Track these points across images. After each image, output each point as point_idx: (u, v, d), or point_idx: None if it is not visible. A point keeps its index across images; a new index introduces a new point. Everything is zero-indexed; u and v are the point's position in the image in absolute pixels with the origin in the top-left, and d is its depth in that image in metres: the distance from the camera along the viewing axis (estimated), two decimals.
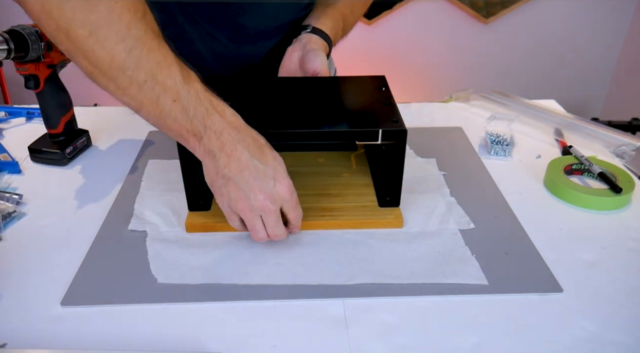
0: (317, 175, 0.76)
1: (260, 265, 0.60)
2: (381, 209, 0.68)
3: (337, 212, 0.68)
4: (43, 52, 0.76)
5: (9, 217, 0.68)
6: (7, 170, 0.79)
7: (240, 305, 0.55)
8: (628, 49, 2.35)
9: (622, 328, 0.53)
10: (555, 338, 0.52)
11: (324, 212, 0.67)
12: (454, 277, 0.58)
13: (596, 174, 0.76)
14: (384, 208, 0.68)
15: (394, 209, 0.68)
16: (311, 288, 0.57)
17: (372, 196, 0.71)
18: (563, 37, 2.34)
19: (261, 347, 0.51)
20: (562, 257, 0.62)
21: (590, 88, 2.47)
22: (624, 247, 0.64)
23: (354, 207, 0.68)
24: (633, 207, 0.72)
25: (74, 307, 0.55)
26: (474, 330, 0.53)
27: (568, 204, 0.72)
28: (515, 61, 2.39)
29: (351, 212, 0.68)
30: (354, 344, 0.51)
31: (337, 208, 0.68)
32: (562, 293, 0.57)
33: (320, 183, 0.73)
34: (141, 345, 0.51)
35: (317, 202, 0.69)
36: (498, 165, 0.82)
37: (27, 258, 0.62)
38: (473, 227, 0.67)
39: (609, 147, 0.87)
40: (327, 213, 0.67)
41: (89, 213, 0.70)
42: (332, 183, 0.73)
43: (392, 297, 0.56)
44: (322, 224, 0.66)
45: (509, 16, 2.29)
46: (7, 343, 0.51)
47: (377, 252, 0.62)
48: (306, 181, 0.73)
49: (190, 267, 0.60)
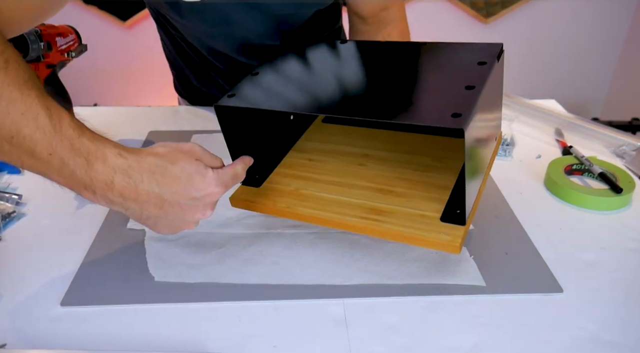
0: (390, 164, 0.63)
1: (257, 265, 0.60)
2: (441, 225, 0.53)
3: (386, 216, 0.56)
4: (42, 52, 0.76)
5: (8, 217, 0.68)
6: (7, 170, 0.79)
7: (240, 305, 0.55)
8: (628, 49, 2.35)
9: (622, 328, 0.53)
10: (555, 338, 0.52)
11: (370, 214, 0.56)
12: (451, 278, 0.58)
13: (596, 174, 0.76)
14: (446, 224, 0.53)
15: (456, 228, 0.53)
16: (311, 288, 0.57)
17: (441, 204, 0.56)
18: (563, 37, 2.34)
19: (261, 347, 0.51)
20: (562, 257, 0.62)
21: (590, 88, 2.47)
22: (624, 247, 0.64)
23: (408, 215, 0.56)
24: (633, 207, 0.72)
25: (74, 307, 0.55)
26: (474, 330, 0.53)
27: (568, 204, 0.72)
28: (516, 61, 2.39)
29: (402, 220, 0.55)
30: (354, 344, 0.51)
31: (388, 213, 0.56)
32: (562, 293, 0.57)
33: (387, 176, 0.61)
34: (141, 345, 0.51)
35: (370, 199, 0.58)
36: (498, 165, 0.82)
37: (27, 258, 0.62)
38: (472, 227, 0.67)
39: (609, 147, 0.87)
40: (372, 217, 0.56)
41: (89, 213, 0.70)
42: (402, 178, 0.61)
43: (392, 297, 0.56)
44: (360, 227, 0.56)
45: (509, 16, 2.29)
46: (7, 343, 0.51)
47: (375, 252, 0.62)
48: (373, 170, 0.62)
49: (188, 266, 0.60)
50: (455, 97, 0.50)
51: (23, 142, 0.47)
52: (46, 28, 0.77)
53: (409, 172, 0.62)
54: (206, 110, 1.00)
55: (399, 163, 0.63)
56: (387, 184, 0.60)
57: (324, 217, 0.57)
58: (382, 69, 0.59)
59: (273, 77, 0.60)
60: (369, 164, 0.56)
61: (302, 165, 0.66)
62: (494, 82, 0.55)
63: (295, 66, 0.62)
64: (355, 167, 0.64)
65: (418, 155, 0.64)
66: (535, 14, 2.28)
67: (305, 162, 0.66)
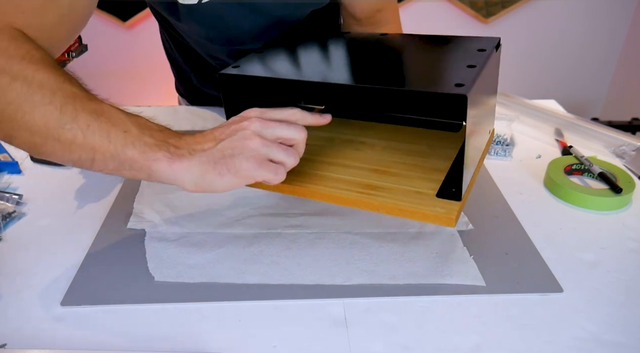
0: (386, 149, 0.65)
1: (256, 265, 0.60)
2: (436, 200, 0.55)
3: (382, 191, 0.56)
4: None
5: (9, 217, 0.68)
6: (7, 170, 0.79)
7: (240, 305, 0.55)
8: (628, 49, 2.35)
9: (622, 328, 0.53)
10: (555, 338, 0.52)
11: (365, 189, 0.57)
12: (450, 278, 0.58)
13: (596, 174, 0.76)
14: (441, 199, 0.55)
15: (451, 203, 0.54)
16: (311, 288, 0.57)
17: (436, 184, 0.57)
18: (563, 37, 2.34)
19: (261, 347, 0.51)
20: (562, 257, 0.62)
21: (590, 88, 2.47)
22: (624, 247, 0.64)
23: (403, 191, 0.56)
24: (633, 207, 0.72)
25: (74, 307, 0.55)
26: (474, 330, 0.53)
27: (568, 204, 0.72)
28: (515, 61, 2.39)
29: (397, 195, 0.56)
30: (354, 344, 0.51)
31: (383, 189, 0.57)
32: (562, 293, 0.57)
33: (383, 159, 0.63)
34: (141, 345, 0.51)
35: (366, 178, 0.59)
36: (498, 165, 0.82)
37: (27, 258, 0.62)
38: (472, 227, 0.67)
39: (609, 147, 0.87)
40: (367, 191, 0.57)
41: (89, 213, 0.70)
42: (397, 161, 0.62)
43: (393, 297, 0.56)
44: (359, 202, 0.56)
45: (509, 16, 2.29)
46: (7, 343, 0.51)
47: (374, 252, 0.62)
48: (368, 154, 0.64)
49: (188, 265, 0.60)
50: (458, 71, 0.52)
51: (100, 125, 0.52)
52: None
53: (404, 157, 0.63)
54: (206, 110, 1.00)
55: (394, 149, 0.65)
56: (382, 166, 0.62)
57: (320, 191, 0.58)
58: (386, 54, 0.61)
59: (277, 55, 0.64)
60: (364, 149, 0.58)
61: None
62: (491, 71, 0.57)
63: (300, 48, 0.65)
64: (351, 151, 0.65)
65: (414, 144, 0.66)
66: (535, 14, 2.28)
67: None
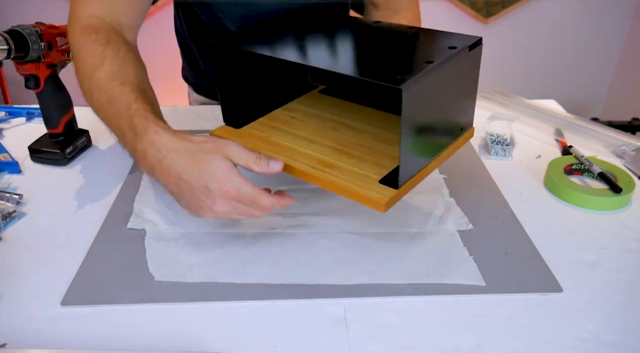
0: (361, 133, 0.68)
1: (256, 264, 0.60)
2: (377, 185, 0.58)
3: (332, 170, 0.60)
4: (43, 52, 0.76)
5: (9, 217, 0.68)
6: (7, 170, 0.79)
7: (240, 305, 0.55)
8: (628, 49, 2.35)
9: (622, 328, 0.53)
10: (555, 338, 0.52)
11: (319, 165, 0.61)
12: (450, 278, 0.58)
13: (596, 174, 0.76)
14: (382, 185, 0.57)
15: (389, 189, 0.57)
16: (311, 288, 0.57)
17: (387, 171, 0.60)
18: (563, 37, 2.34)
19: (261, 347, 0.51)
20: (562, 257, 0.62)
21: (590, 88, 2.47)
22: (624, 247, 0.64)
23: (353, 172, 0.60)
24: (633, 207, 0.72)
25: (74, 307, 0.55)
26: (474, 330, 0.53)
27: (568, 204, 0.72)
28: (515, 61, 2.39)
29: (344, 175, 0.59)
30: (354, 344, 0.51)
31: (336, 167, 0.61)
32: (562, 293, 0.57)
33: (352, 142, 0.66)
34: (141, 345, 0.51)
35: (326, 155, 0.63)
36: (498, 165, 0.82)
37: (27, 258, 0.62)
38: (471, 227, 0.67)
39: (609, 147, 0.87)
40: (320, 167, 0.61)
41: (89, 213, 0.70)
42: (364, 145, 0.65)
43: (393, 297, 0.56)
44: (307, 175, 0.60)
45: (509, 16, 2.29)
46: (7, 343, 0.51)
47: (374, 252, 0.62)
48: (342, 135, 0.67)
49: (188, 265, 0.60)
50: (414, 64, 0.55)
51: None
52: (47, 28, 0.77)
53: (374, 143, 0.66)
54: (206, 110, 1.00)
55: (369, 134, 0.68)
56: (347, 147, 0.65)
57: (279, 159, 0.60)
58: (365, 41, 0.65)
59: (273, 33, 0.67)
60: (341, 130, 0.62)
61: (283, 120, 0.72)
62: (458, 69, 0.59)
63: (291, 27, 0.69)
64: (328, 130, 0.69)
65: (386, 130, 0.69)
66: (535, 14, 2.28)
67: (287, 119, 0.73)
